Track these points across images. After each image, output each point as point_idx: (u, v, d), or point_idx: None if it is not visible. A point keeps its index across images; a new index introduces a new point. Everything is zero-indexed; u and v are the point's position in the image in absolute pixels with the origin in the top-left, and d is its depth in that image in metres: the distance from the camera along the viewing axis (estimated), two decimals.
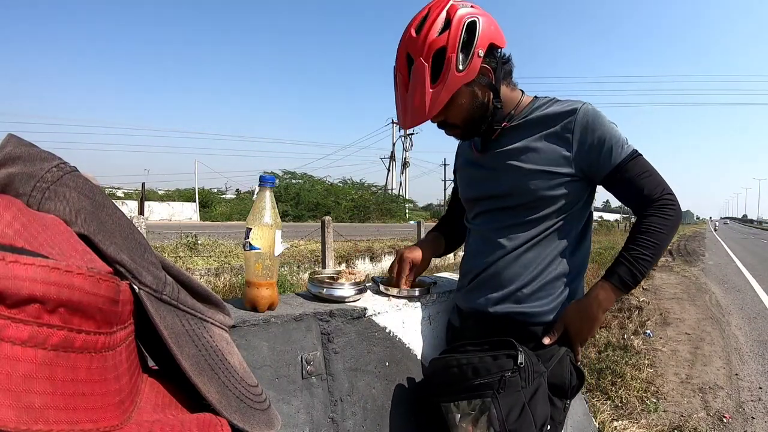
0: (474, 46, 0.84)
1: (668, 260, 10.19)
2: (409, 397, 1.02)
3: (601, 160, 0.90)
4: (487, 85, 0.90)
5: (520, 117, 0.95)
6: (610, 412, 2.35)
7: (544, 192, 0.91)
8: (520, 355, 0.84)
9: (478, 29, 0.84)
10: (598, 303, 0.89)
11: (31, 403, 0.20)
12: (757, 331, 4.17)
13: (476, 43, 0.84)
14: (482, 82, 0.89)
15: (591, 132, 0.89)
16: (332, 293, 0.96)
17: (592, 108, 0.91)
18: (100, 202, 0.31)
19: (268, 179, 0.80)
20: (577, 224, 0.97)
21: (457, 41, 0.83)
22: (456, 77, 0.84)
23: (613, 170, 0.90)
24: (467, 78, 0.85)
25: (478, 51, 0.84)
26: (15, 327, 0.20)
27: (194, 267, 5.87)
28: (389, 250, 9.06)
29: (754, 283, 7.08)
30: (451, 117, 0.92)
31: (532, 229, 0.94)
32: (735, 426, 2.33)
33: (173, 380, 0.35)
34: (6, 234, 0.22)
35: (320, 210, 25.97)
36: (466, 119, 0.92)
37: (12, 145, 0.30)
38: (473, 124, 0.94)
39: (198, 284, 0.43)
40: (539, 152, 0.91)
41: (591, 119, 0.90)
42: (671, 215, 0.88)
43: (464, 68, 0.84)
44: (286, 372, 0.82)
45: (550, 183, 0.91)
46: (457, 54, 0.83)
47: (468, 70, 0.84)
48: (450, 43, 0.83)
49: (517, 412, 0.84)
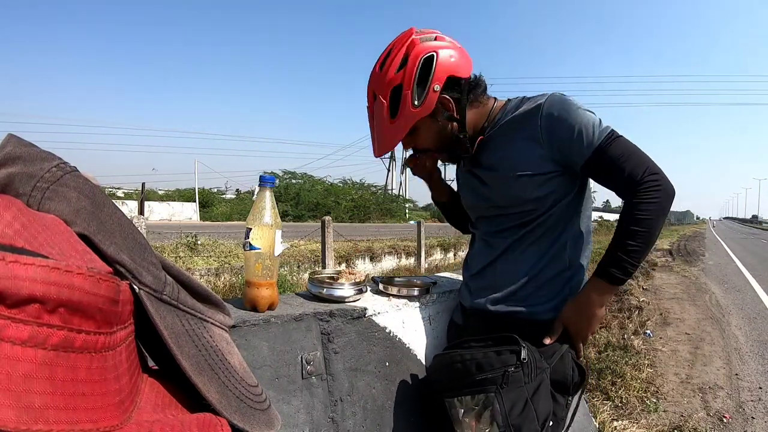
0: (429, 81, 0.87)
1: (668, 260, 10.20)
2: (409, 397, 1.02)
3: (575, 148, 0.86)
4: (448, 118, 0.93)
5: (492, 128, 0.96)
6: (610, 412, 2.35)
7: (529, 195, 0.91)
8: (523, 351, 0.84)
9: (434, 64, 0.86)
10: (593, 300, 0.88)
11: (31, 403, 0.20)
12: (757, 331, 4.17)
13: (432, 78, 0.87)
14: (443, 114, 0.92)
15: (558, 122, 0.86)
16: (332, 293, 0.96)
17: (559, 97, 0.89)
18: (100, 202, 0.31)
19: (268, 179, 0.80)
20: (573, 218, 0.96)
21: (412, 78, 0.86)
22: (411, 112, 0.88)
23: (590, 157, 0.85)
24: (424, 112, 0.88)
25: (434, 86, 0.87)
26: (15, 327, 0.20)
27: (194, 267, 5.87)
28: (389, 250, 9.06)
29: (754, 283, 7.08)
30: (420, 144, 0.98)
31: (528, 230, 0.94)
32: (735, 426, 2.33)
33: (173, 380, 0.35)
34: (6, 234, 0.22)
35: (320, 210, 25.98)
36: (436, 145, 0.98)
37: (12, 145, 0.30)
38: (447, 148, 0.98)
39: (198, 284, 0.43)
40: (516, 157, 0.91)
41: (557, 110, 0.87)
42: (658, 198, 0.82)
43: (420, 104, 0.87)
44: (286, 372, 0.82)
45: (534, 183, 0.90)
46: (413, 90, 0.86)
47: (424, 105, 0.88)
48: (405, 80, 0.86)
49: (520, 407, 0.84)
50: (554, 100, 0.88)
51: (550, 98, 0.89)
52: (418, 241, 8.84)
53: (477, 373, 0.86)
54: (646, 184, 0.83)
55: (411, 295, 1.09)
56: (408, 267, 8.92)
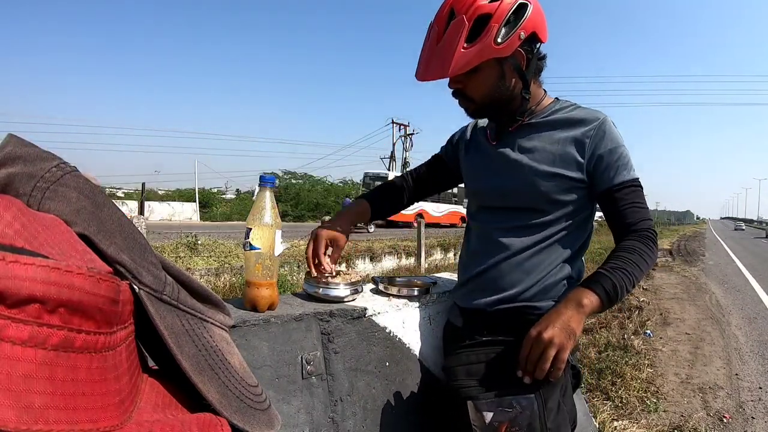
0: (518, 26, 0.83)
1: (668, 260, 10.19)
2: (409, 397, 1.02)
3: (608, 172, 0.89)
4: (517, 70, 0.89)
5: (539, 115, 0.94)
6: (610, 412, 2.35)
7: (554, 195, 0.90)
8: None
9: (527, 12, 0.83)
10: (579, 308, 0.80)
11: (31, 403, 0.20)
12: (758, 331, 4.17)
13: (521, 24, 0.83)
14: (513, 64, 0.88)
15: (608, 143, 0.89)
16: (328, 293, 0.95)
17: (613, 124, 0.92)
18: (101, 202, 0.31)
19: (268, 179, 0.80)
20: (581, 233, 0.96)
21: (504, 15, 0.81)
22: (491, 47, 0.82)
23: (615, 186, 0.89)
24: (501, 53, 0.84)
25: (520, 32, 0.83)
26: (15, 327, 0.20)
27: (194, 267, 5.87)
28: (389, 250, 9.06)
29: (754, 283, 7.09)
30: (470, 88, 0.90)
31: (537, 234, 0.92)
32: (735, 426, 2.33)
33: (173, 380, 0.35)
34: (6, 234, 0.22)
35: (320, 210, 25.98)
36: (484, 96, 0.90)
37: (12, 145, 0.30)
38: (490, 105, 0.92)
39: (198, 284, 0.43)
40: (555, 154, 0.90)
41: (610, 132, 0.90)
42: (652, 247, 0.87)
43: (502, 42, 0.82)
44: (286, 372, 0.82)
45: (561, 186, 0.90)
46: (500, 26, 0.82)
47: (505, 46, 0.83)
48: (497, 13, 0.81)
49: (555, 410, 0.83)
50: (612, 123, 0.92)
51: (608, 119, 0.92)
52: (418, 242, 8.84)
53: (514, 375, 0.82)
54: (648, 234, 0.88)
55: (411, 295, 1.09)
56: (408, 267, 8.92)
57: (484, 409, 0.82)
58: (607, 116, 0.92)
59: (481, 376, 0.86)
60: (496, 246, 0.95)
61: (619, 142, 0.90)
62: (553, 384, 0.82)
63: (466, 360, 0.89)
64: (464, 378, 0.87)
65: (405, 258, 9.30)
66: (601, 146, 0.89)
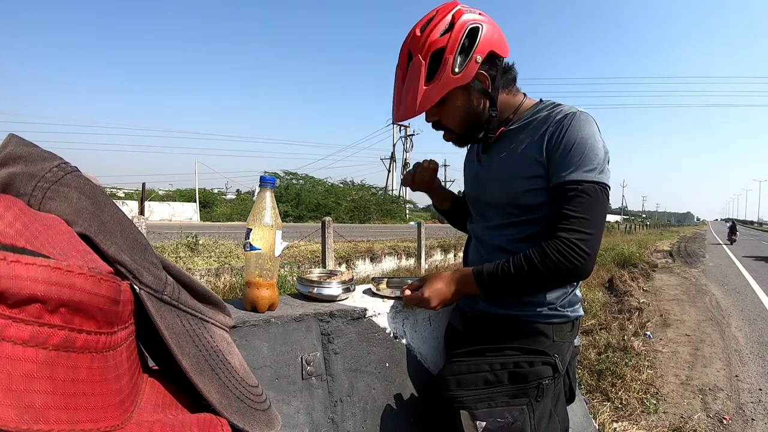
0: (473, 51, 0.84)
1: (668, 261, 10.18)
2: (409, 398, 1.01)
3: (557, 167, 0.84)
4: (482, 92, 0.90)
5: (519, 121, 0.94)
6: (609, 413, 2.35)
7: (525, 198, 0.90)
8: (558, 363, 0.83)
9: (479, 35, 0.85)
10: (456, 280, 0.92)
11: (32, 402, 0.20)
12: (758, 333, 4.17)
13: (476, 48, 0.84)
14: (477, 88, 0.89)
15: (567, 137, 0.84)
16: (321, 292, 0.96)
17: (585, 116, 0.86)
18: (101, 202, 0.32)
19: (269, 180, 0.80)
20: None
21: (456, 44, 0.83)
22: (450, 78, 0.85)
23: (557, 184, 0.84)
24: (462, 81, 0.86)
25: (476, 56, 0.85)
26: (16, 327, 0.20)
27: (194, 267, 5.87)
28: (389, 251, 9.05)
29: (754, 285, 7.08)
30: (445, 119, 0.93)
31: (527, 230, 0.92)
32: (735, 428, 2.32)
33: (173, 380, 0.35)
34: (7, 234, 0.22)
35: (321, 210, 26.00)
36: (460, 123, 0.93)
37: (13, 145, 0.30)
38: (468, 130, 0.94)
39: (198, 284, 0.43)
40: (522, 157, 0.90)
41: (573, 127, 0.84)
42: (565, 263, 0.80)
43: (460, 71, 0.84)
44: (286, 372, 0.82)
45: (528, 187, 0.89)
46: (455, 56, 0.84)
47: (464, 74, 0.85)
48: (449, 45, 0.84)
49: (547, 418, 0.83)
50: (579, 116, 0.86)
51: (578, 113, 0.86)
52: (418, 242, 8.84)
53: (510, 384, 0.83)
54: (572, 245, 0.80)
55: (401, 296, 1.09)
56: (408, 268, 8.92)
57: (477, 418, 0.84)
58: (580, 112, 0.87)
59: (474, 386, 0.86)
60: (488, 246, 0.98)
61: (580, 138, 0.83)
62: (546, 394, 0.83)
63: (457, 370, 0.88)
64: (456, 388, 0.87)
65: (405, 259, 9.30)
66: (555, 140, 0.85)
